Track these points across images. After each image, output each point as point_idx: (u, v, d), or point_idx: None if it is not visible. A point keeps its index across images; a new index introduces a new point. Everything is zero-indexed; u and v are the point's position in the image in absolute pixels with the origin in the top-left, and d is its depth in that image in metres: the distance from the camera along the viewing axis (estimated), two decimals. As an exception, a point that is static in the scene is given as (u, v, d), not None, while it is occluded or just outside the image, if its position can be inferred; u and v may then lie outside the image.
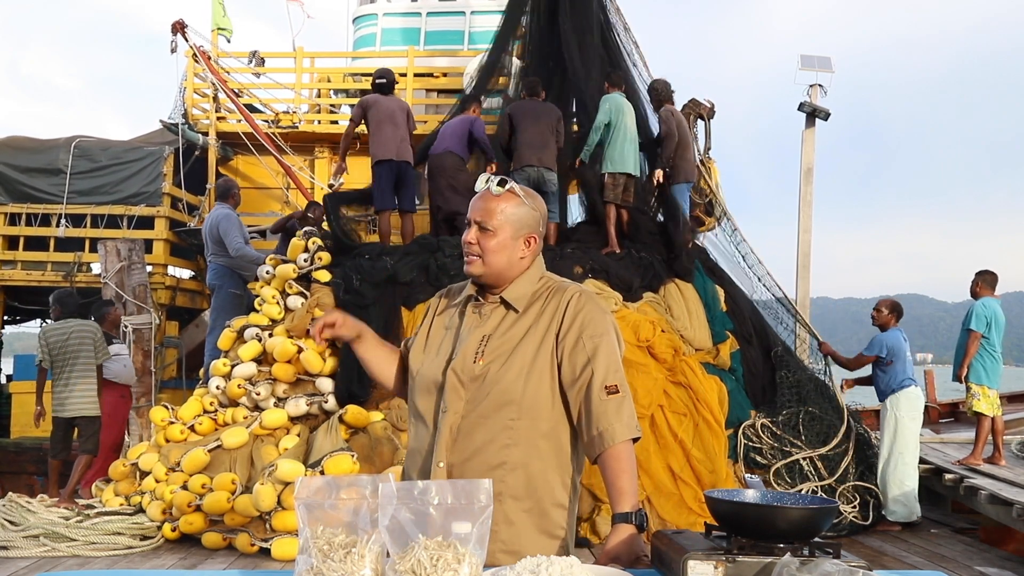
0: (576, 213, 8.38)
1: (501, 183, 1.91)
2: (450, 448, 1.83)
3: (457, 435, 1.83)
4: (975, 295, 6.81)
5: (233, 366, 6.32)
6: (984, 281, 6.81)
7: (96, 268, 9.20)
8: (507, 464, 1.81)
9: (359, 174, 10.54)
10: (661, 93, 7.71)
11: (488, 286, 1.93)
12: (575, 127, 8.26)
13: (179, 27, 9.79)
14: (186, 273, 10.18)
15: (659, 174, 7.43)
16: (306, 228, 7.08)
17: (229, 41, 10.75)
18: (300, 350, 6.18)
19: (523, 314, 1.91)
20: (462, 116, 7.65)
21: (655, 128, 7.81)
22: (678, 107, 8.07)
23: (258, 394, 6.15)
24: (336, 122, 11.02)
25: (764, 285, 7.90)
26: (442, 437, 1.83)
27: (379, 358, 2.09)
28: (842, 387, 7.12)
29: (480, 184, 1.94)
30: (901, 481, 6.22)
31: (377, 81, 7.60)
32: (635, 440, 1.82)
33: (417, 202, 8.30)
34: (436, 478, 1.81)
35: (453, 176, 7.34)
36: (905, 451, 6.24)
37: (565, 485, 1.88)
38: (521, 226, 1.90)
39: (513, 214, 1.89)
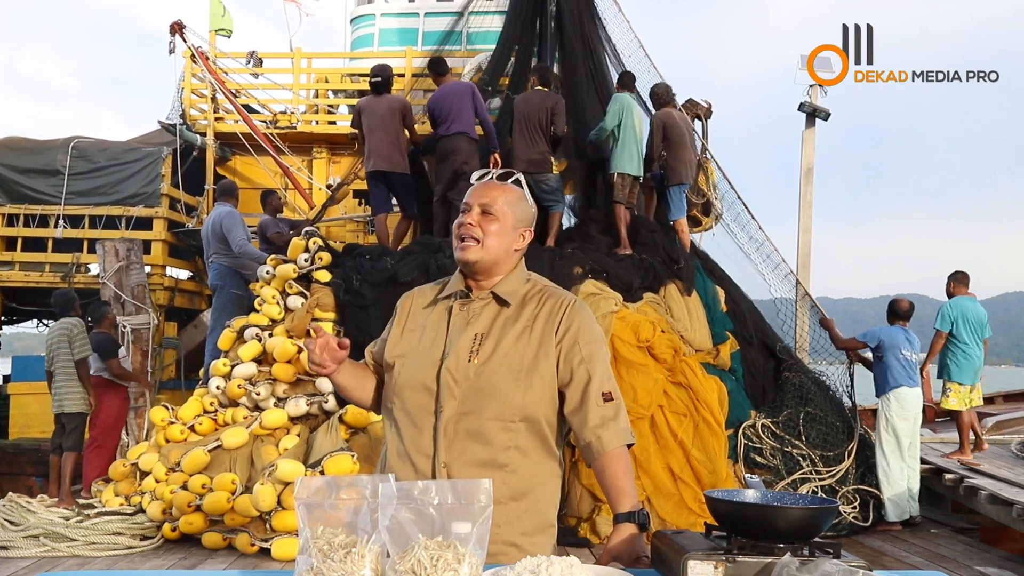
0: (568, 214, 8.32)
1: (505, 176, 1.92)
2: (448, 449, 1.79)
3: (453, 437, 1.79)
4: (950, 295, 6.97)
5: (233, 366, 6.32)
6: (956, 280, 6.99)
7: (94, 269, 9.20)
8: (508, 467, 1.79)
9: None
10: (662, 97, 7.65)
11: (477, 278, 1.89)
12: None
13: (177, 28, 9.79)
14: (184, 274, 10.17)
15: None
16: (306, 228, 7.06)
17: (229, 37, 10.73)
18: (300, 350, 6.18)
19: (517, 314, 1.86)
20: (459, 85, 7.30)
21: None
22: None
23: (258, 394, 6.15)
24: (334, 122, 11.01)
25: (763, 277, 7.94)
26: (442, 439, 1.78)
27: (355, 379, 1.99)
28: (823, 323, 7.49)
29: (478, 175, 1.94)
30: (893, 480, 6.31)
31: (372, 80, 7.36)
32: (629, 446, 1.83)
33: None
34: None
35: (467, 161, 6.97)
36: (896, 450, 6.34)
37: (557, 486, 1.90)
38: (521, 218, 1.90)
39: (516, 204, 1.90)
